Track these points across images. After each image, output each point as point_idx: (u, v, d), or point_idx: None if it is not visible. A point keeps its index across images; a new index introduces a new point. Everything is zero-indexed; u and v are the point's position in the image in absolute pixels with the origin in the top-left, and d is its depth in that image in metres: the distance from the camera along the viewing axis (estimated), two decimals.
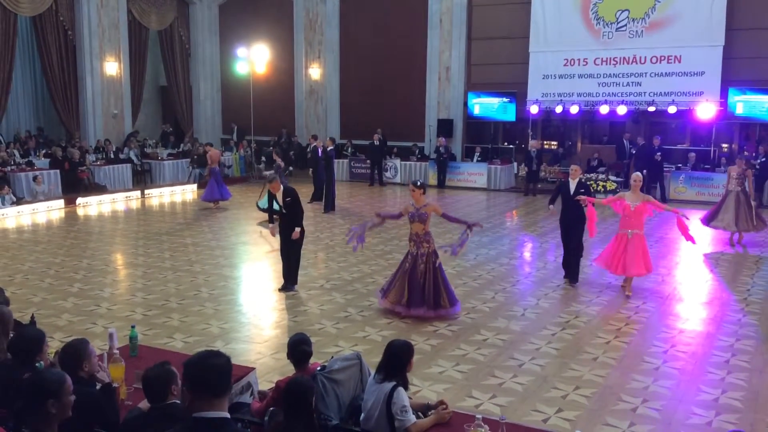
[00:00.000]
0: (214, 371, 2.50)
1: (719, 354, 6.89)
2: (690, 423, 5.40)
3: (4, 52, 18.45)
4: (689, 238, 8.87)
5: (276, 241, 9.72)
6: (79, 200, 16.60)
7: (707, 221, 12.15)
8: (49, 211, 15.65)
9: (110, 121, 21.24)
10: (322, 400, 4.14)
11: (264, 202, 14.61)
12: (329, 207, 15.65)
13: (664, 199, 17.23)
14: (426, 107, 21.59)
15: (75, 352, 3.79)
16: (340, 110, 23.27)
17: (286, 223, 8.97)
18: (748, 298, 8.92)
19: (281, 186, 8.98)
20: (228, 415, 2.52)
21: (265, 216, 13.98)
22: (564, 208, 9.48)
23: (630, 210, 8.74)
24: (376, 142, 20.42)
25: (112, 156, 19.63)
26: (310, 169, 17.08)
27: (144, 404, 3.59)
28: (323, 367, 4.35)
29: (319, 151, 16.44)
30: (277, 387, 4.11)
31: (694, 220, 11.62)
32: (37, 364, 3.93)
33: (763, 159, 16.25)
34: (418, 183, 8.01)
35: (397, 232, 12.85)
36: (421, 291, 7.80)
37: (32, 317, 5.68)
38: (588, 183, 10.20)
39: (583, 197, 9.14)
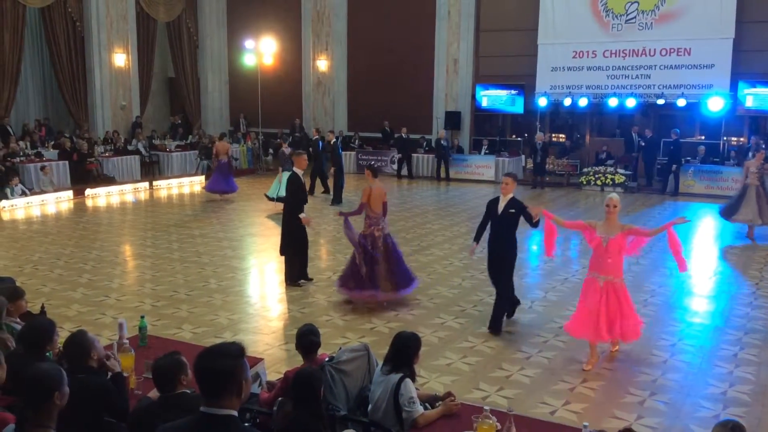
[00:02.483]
0: (220, 373, 2.49)
1: (727, 347, 6.88)
2: (697, 416, 5.40)
3: (13, 44, 18.50)
4: (681, 261, 6.35)
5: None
6: (88, 191, 16.66)
7: (728, 216, 12.01)
8: (58, 202, 15.73)
9: (118, 113, 21.29)
10: (330, 391, 4.17)
11: (272, 191, 14.64)
12: (336, 199, 15.64)
13: (676, 190, 17.11)
14: (434, 99, 21.53)
15: (79, 344, 3.78)
16: (348, 102, 23.23)
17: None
18: (757, 291, 8.89)
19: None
20: (236, 413, 2.52)
21: (273, 207, 14.09)
22: (492, 233, 7.40)
23: (602, 247, 6.14)
24: (404, 135, 20.38)
25: (120, 147, 19.70)
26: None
27: (153, 394, 3.63)
28: (331, 358, 4.38)
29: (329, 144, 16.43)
30: (285, 377, 4.14)
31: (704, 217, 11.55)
32: (47, 354, 3.97)
33: (755, 150, 16.14)
34: (370, 163, 8.18)
35: (403, 224, 12.85)
36: (357, 274, 7.91)
37: (42, 307, 5.74)
38: (522, 204, 7.20)
39: (538, 208, 7.04)
